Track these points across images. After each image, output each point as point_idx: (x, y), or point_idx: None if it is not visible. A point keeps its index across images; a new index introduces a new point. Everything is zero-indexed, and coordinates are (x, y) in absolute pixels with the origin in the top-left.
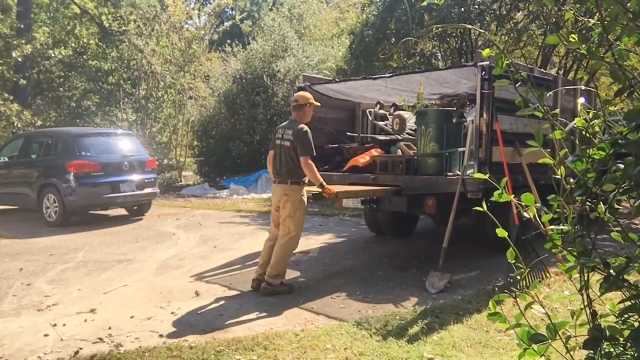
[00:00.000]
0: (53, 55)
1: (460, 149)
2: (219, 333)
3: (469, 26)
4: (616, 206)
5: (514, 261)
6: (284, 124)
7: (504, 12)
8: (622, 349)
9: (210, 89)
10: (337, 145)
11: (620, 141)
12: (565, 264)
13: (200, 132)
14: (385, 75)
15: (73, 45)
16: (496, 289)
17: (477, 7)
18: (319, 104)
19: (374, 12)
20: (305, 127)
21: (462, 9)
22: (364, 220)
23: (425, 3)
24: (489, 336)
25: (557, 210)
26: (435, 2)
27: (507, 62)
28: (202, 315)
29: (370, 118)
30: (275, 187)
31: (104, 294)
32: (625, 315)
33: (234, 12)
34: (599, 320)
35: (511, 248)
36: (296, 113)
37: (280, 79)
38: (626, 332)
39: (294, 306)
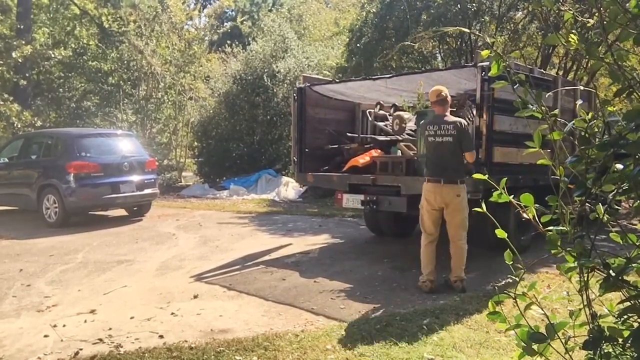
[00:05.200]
0: (53, 56)
1: None
2: (219, 334)
3: (467, 30)
4: (615, 207)
5: (511, 262)
6: (428, 120)
7: (500, 13)
8: (621, 349)
9: (210, 90)
10: (337, 145)
11: (619, 141)
12: (564, 264)
13: (200, 132)
14: (385, 75)
15: (73, 46)
16: (496, 288)
17: (474, 5)
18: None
19: (373, 10)
20: (466, 122)
21: (459, 7)
22: (364, 221)
23: None
24: (489, 337)
25: (557, 211)
26: None
27: (504, 64)
28: (202, 316)
29: (370, 119)
30: (437, 187)
31: (104, 295)
32: (625, 316)
33: (234, 13)
34: (598, 321)
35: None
36: (441, 107)
37: (280, 79)
38: (626, 333)
39: (294, 307)
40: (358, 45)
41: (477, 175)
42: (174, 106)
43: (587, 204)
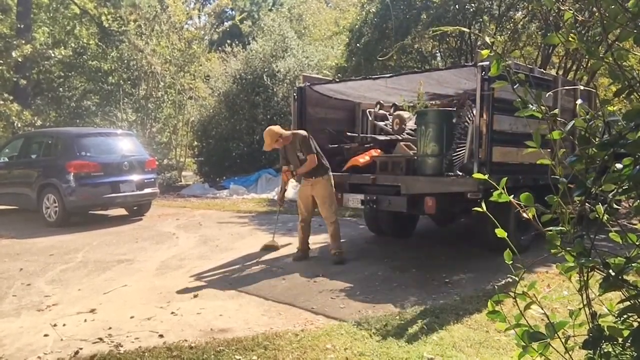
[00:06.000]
0: (53, 55)
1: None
2: (219, 333)
3: (466, 29)
4: (615, 206)
5: (511, 262)
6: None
7: (501, 12)
8: (621, 348)
9: (210, 89)
10: (337, 145)
11: (619, 141)
12: (564, 264)
13: (200, 132)
14: (386, 75)
15: (73, 45)
16: (496, 288)
17: (473, 5)
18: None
19: (373, 10)
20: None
21: (457, 7)
22: (364, 221)
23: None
24: (488, 336)
25: (557, 211)
26: None
27: (504, 64)
28: (202, 316)
29: (370, 118)
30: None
31: (104, 294)
32: (625, 315)
33: (233, 12)
34: (598, 320)
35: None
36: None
37: (280, 79)
38: (625, 332)
39: (294, 306)
40: (358, 44)
41: (477, 175)
42: (174, 105)
43: (586, 203)
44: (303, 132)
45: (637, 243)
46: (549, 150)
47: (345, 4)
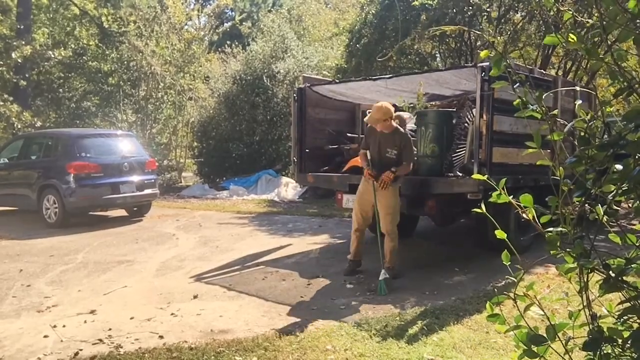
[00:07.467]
0: (53, 56)
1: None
2: (219, 334)
3: (466, 28)
4: (615, 207)
5: (509, 263)
6: None
7: (500, 14)
8: (621, 350)
9: (210, 90)
10: (337, 146)
11: (619, 142)
12: (564, 265)
13: (200, 133)
14: (385, 76)
15: (73, 46)
16: (495, 290)
17: (470, 9)
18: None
19: (373, 11)
20: None
21: (455, 11)
22: None
23: (417, 3)
24: (489, 337)
25: (557, 212)
26: (429, 2)
27: (505, 64)
28: (202, 317)
29: None
30: None
31: (104, 295)
32: (625, 317)
33: (233, 13)
34: (598, 322)
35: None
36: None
37: (280, 80)
38: (625, 334)
39: (294, 307)
40: (357, 46)
41: (476, 176)
42: (173, 106)
43: (586, 204)
44: (410, 134)
45: (637, 244)
46: (549, 150)
47: (345, 5)
